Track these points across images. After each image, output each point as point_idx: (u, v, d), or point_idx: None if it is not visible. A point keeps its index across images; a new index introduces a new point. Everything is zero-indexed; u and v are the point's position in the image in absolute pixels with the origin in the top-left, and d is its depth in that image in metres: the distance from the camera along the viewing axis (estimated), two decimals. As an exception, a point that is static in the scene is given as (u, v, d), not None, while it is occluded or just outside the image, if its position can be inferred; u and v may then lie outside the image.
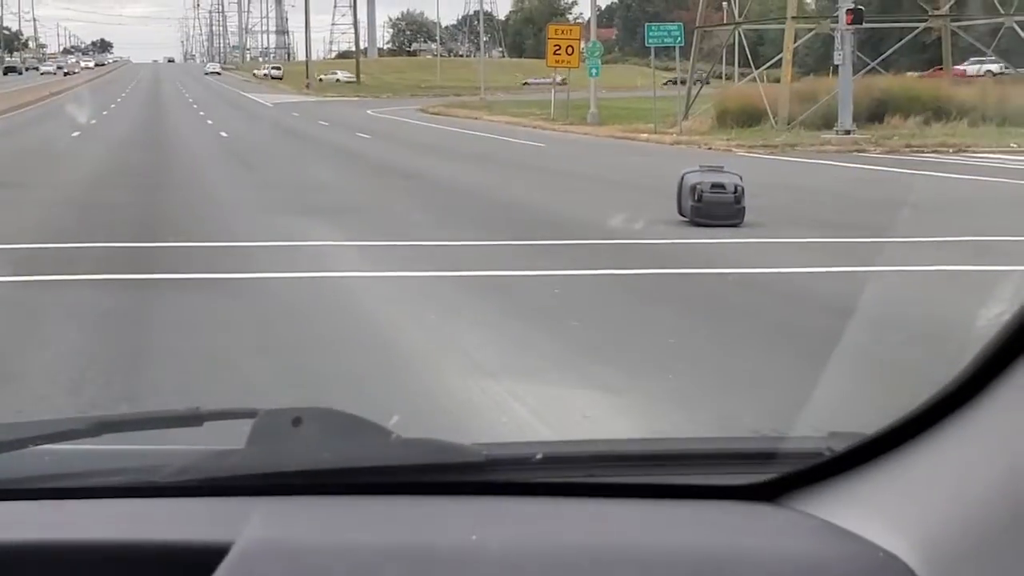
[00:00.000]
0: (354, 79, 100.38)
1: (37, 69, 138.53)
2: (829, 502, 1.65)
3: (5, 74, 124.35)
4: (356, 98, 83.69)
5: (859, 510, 1.59)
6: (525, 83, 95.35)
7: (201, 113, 55.40)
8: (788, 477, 1.74)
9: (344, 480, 1.77)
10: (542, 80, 77.61)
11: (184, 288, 10.49)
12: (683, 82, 44.33)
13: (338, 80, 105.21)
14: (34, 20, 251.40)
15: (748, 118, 38.71)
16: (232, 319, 9.16)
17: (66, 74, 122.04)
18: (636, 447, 2.04)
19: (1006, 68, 43.44)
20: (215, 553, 1.56)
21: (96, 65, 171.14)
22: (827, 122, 35.49)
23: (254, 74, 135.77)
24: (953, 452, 1.49)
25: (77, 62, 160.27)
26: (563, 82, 49.70)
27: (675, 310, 9.74)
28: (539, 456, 1.82)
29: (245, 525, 1.63)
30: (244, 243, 13.31)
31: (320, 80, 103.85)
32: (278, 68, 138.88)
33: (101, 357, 7.61)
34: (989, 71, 46.62)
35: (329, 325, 8.88)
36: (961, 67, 45.90)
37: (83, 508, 1.74)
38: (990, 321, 5.10)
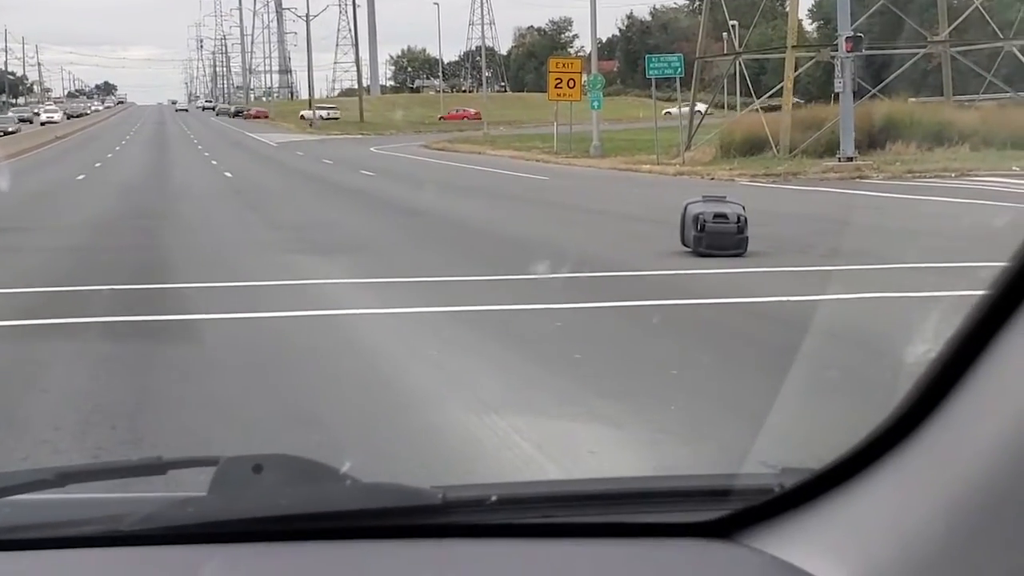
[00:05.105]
0: (337, 116, 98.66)
1: None
2: (779, 538, 1.68)
3: None
4: (360, 135, 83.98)
5: (806, 546, 1.62)
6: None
7: (206, 154, 55.63)
8: (741, 513, 1.77)
9: (303, 526, 1.79)
10: None
11: (189, 329, 10.52)
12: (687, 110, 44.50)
13: (322, 118, 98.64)
14: (39, 65, 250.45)
15: (750, 147, 38.85)
16: (237, 359, 9.18)
17: None
18: (591, 487, 2.07)
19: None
20: None
21: (69, 116, 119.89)
22: (829, 149, 35.58)
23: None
24: (891, 487, 1.52)
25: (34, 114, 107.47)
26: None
27: (678, 341, 9.74)
28: (494, 498, 1.85)
29: (207, 572, 1.66)
30: (250, 283, 13.35)
31: (301, 118, 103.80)
32: (210, 102, 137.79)
33: (105, 401, 7.63)
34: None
35: (334, 363, 8.90)
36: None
37: (46, 559, 1.77)
38: (918, 358, 5.15)
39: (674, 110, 77.49)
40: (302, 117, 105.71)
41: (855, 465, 1.59)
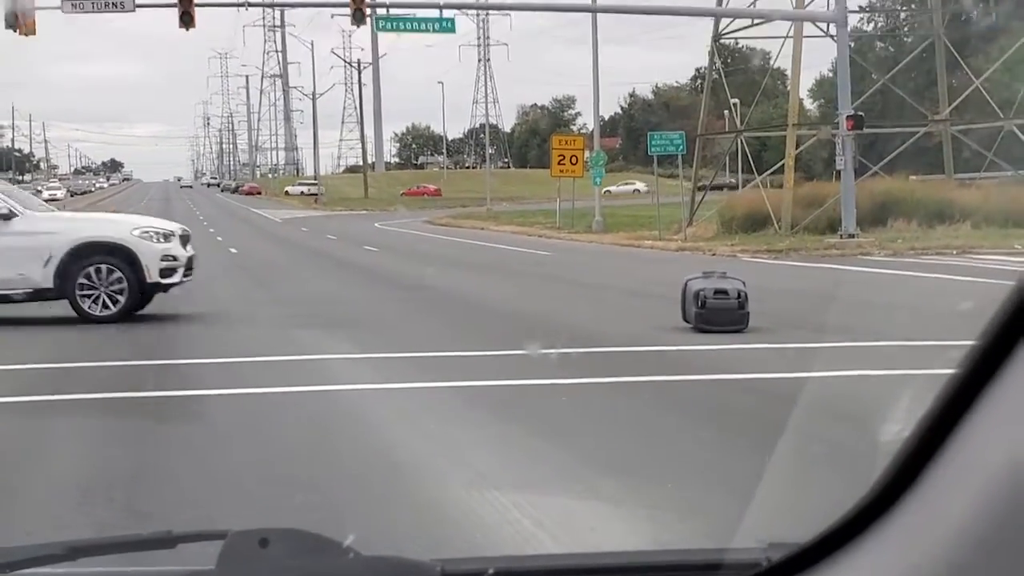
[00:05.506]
0: (315, 192, 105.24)
1: None
2: None
3: None
4: (364, 211, 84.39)
5: None
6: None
7: (211, 230, 55.88)
8: None
9: None
10: None
11: (192, 405, 10.56)
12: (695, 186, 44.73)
13: (302, 193, 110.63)
14: (45, 142, 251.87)
15: (752, 223, 39.02)
16: (241, 435, 9.21)
17: None
18: (585, 561, 2.11)
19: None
20: None
21: (72, 193, 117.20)
22: (831, 226, 35.75)
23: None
24: (872, 561, 1.57)
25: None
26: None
27: (678, 417, 9.77)
28: (492, 571, 1.89)
29: None
30: (254, 358, 13.40)
31: (286, 194, 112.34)
32: (215, 178, 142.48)
33: (108, 476, 7.65)
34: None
35: (338, 438, 8.93)
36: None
37: None
38: (893, 436, 5.25)
39: (613, 188, 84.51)
40: (286, 193, 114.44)
41: (839, 539, 1.64)
